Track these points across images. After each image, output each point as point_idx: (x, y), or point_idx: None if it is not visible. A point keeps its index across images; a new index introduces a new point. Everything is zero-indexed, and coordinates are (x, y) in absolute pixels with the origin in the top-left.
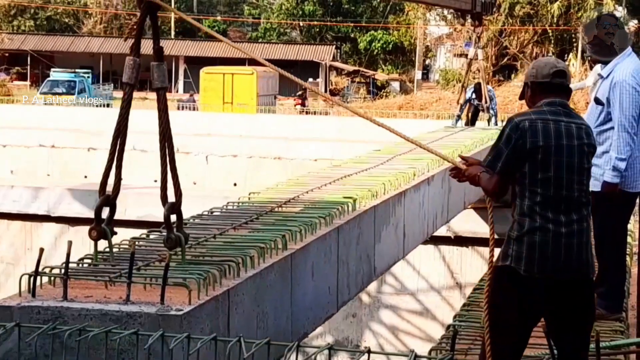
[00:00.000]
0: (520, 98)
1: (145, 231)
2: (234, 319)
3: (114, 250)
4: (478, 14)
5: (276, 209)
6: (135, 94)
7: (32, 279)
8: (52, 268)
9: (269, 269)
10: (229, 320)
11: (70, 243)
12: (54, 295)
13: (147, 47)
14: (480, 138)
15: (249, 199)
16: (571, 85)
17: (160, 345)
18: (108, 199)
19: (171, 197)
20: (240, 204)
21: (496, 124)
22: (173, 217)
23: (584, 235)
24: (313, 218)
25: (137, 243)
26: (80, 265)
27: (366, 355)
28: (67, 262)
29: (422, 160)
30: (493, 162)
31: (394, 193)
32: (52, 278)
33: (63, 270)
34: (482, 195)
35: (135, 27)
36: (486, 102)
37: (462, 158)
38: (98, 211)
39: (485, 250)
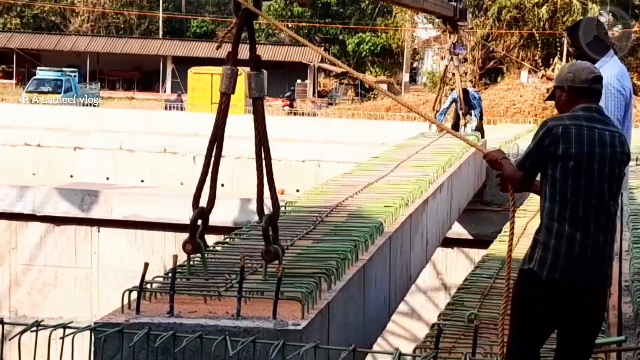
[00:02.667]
0: (549, 99)
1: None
2: (332, 332)
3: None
4: (454, 21)
5: (325, 219)
6: (122, 94)
7: (131, 293)
8: (151, 283)
9: (351, 280)
10: (328, 333)
11: (175, 257)
12: (156, 311)
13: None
14: (463, 143)
15: (285, 208)
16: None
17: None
18: (203, 212)
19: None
20: (282, 214)
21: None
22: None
23: (609, 246)
24: (368, 227)
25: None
26: (169, 279)
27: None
28: (174, 276)
29: (428, 167)
30: (523, 160)
31: (420, 201)
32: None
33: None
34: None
35: (228, 34)
36: (462, 109)
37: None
38: (194, 224)
39: (470, 251)
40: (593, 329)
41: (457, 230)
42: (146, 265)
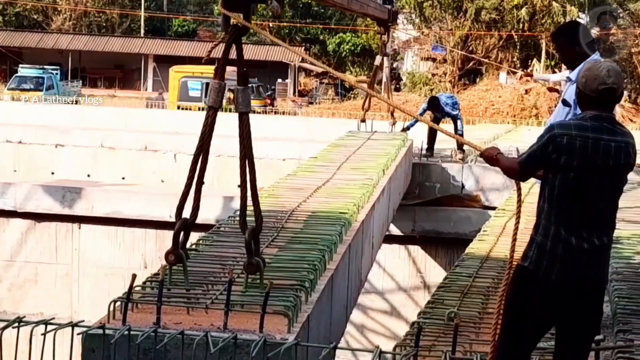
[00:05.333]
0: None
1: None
2: (311, 343)
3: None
4: (385, 22)
5: (285, 225)
6: (104, 92)
7: (119, 304)
8: (129, 293)
9: (323, 292)
10: (307, 346)
11: (163, 268)
12: (142, 321)
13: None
14: (394, 144)
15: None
16: (535, 76)
17: None
18: (186, 223)
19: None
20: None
21: (461, 130)
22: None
23: (605, 249)
24: (330, 236)
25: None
26: (147, 289)
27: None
28: (161, 288)
29: (369, 170)
30: (527, 159)
31: (369, 206)
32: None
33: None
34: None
35: (217, 48)
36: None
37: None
38: (177, 235)
39: (450, 249)
40: (590, 329)
41: (436, 229)
42: (134, 276)
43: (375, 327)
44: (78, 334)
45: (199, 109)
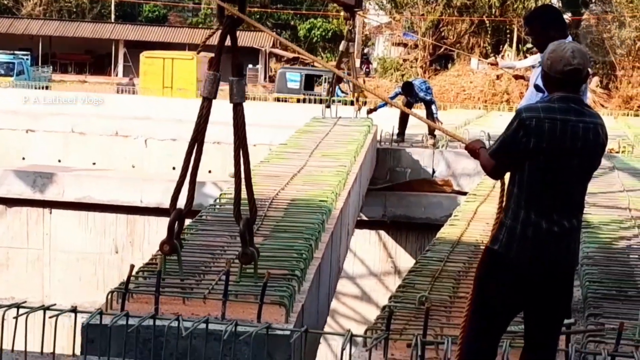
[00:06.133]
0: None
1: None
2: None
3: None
4: (351, 8)
5: (268, 214)
6: (74, 77)
7: (115, 294)
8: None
9: (313, 281)
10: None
11: (162, 260)
12: (139, 312)
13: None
14: (361, 130)
15: (220, 200)
16: (500, 64)
17: None
18: (180, 213)
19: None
20: (221, 207)
21: (436, 113)
22: None
23: (575, 234)
24: (314, 224)
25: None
26: (140, 279)
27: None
28: (159, 278)
29: (340, 157)
30: (496, 150)
31: (345, 194)
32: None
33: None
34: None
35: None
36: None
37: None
38: (171, 225)
39: (421, 235)
40: (560, 311)
41: (408, 214)
42: (132, 267)
43: (346, 312)
44: (83, 324)
45: (297, 100)
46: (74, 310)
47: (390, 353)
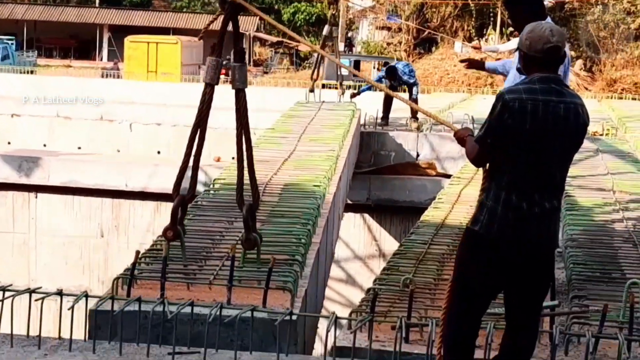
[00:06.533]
0: (471, 67)
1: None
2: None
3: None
4: None
5: (263, 199)
6: (59, 62)
7: (121, 280)
8: (137, 270)
9: (313, 266)
10: (305, 317)
11: (167, 246)
12: (145, 297)
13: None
14: (346, 114)
15: (214, 185)
16: (483, 48)
17: None
18: (183, 199)
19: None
20: (215, 192)
21: (416, 95)
22: None
23: (556, 215)
24: (310, 209)
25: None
26: (145, 265)
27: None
28: (165, 264)
29: (329, 141)
30: (483, 136)
31: (337, 179)
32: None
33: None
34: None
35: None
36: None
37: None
38: (175, 212)
39: (405, 218)
40: (542, 292)
41: (392, 197)
42: (137, 253)
43: (331, 295)
44: (91, 309)
45: (347, 87)
46: (60, 293)
47: (374, 335)
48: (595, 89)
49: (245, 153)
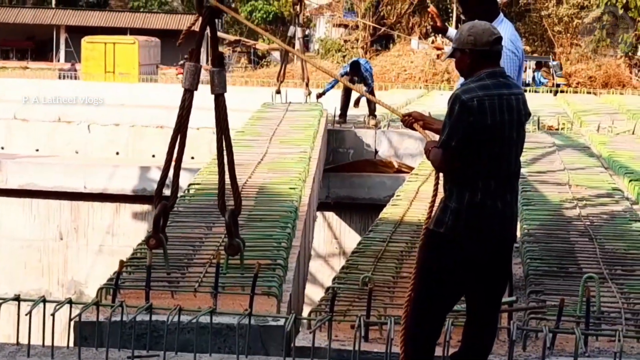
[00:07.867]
0: (450, 57)
1: None
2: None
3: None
4: None
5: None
6: (16, 63)
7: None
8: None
9: (295, 269)
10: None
11: (150, 256)
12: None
13: (33, 16)
14: (313, 114)
15: (189, 190)
16: (446, 49)
17: None
18: (165, 207)
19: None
20: (191, 198)
21: (372, 93)
22: None
23: (515, 207)
24: (288, 212)
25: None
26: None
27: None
28: (149, 273)
29: (299, 143)
30: (447, 140)
31: (310, 180)
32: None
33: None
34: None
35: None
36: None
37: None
38: (157, 220)
39: (365, 215)
40: (500, 288)
41: (351, 195)
42: (121, 262)
43: None
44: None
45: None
46: (17, 299)
47: (334, 334)
48: (550, 83)
49: (226, 157)
